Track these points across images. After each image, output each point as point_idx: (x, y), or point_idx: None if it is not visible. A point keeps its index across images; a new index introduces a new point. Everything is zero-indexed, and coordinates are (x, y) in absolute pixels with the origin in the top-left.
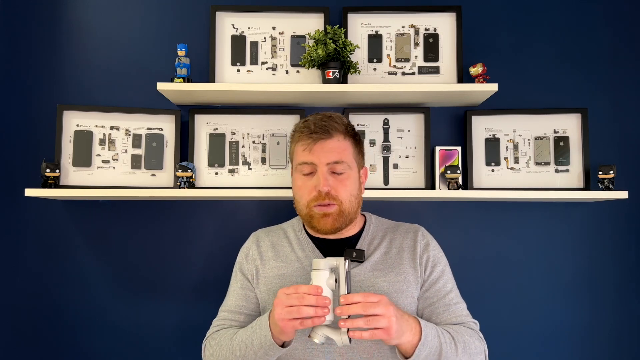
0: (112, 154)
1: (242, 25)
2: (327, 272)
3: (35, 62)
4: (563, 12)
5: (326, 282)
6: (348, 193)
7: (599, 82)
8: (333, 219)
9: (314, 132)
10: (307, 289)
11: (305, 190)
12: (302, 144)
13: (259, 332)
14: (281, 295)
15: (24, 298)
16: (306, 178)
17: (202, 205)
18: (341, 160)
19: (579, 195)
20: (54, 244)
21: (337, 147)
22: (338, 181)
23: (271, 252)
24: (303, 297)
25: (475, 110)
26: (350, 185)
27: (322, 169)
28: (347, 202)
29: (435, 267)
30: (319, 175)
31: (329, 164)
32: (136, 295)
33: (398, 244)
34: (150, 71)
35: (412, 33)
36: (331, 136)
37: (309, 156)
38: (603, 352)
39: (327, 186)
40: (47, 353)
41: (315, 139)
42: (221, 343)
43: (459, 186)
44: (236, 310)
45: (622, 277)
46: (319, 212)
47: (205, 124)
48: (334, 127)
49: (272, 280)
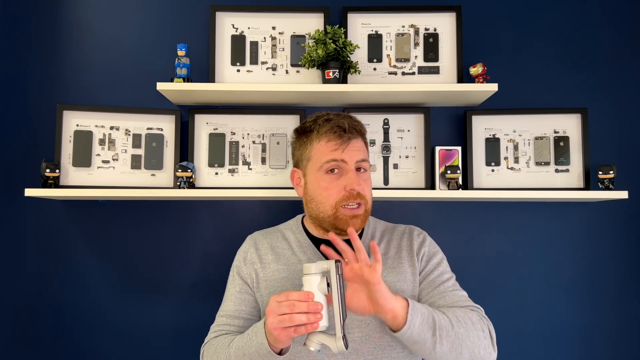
0: (112, 154)
1: (242, 25)
2: (318, 277)
3: (35, 62)
4: (563, 12)
5: (317, 286)
6: (370, 192)
7: (599, 82)
8: (361, 220)
9: (348, 132)
10: (298, 295)
11: (334, 190)
12: (334, 143)
13: (255, 339)
14: (272, 303)
15: (24, 298)
16: (333, 177)
17: (202, 205)
18: (366, 159)
19: (579, 195)
20: (54, 244)
21: (362, 147)
22: (363, 180)
23: (271, 255)
24: (294, 304)
25: (475, 110)
26: (370, 184)
27: (353, 168)
28: (370, 200)
29: (430, 260)
30: (350, 175)
31: (358, 162)
32: (136, 295)
33: (396, 245)
34: (150, 71)
35: (412, 33)
36: (357, 136)
37: (342, 155)
38: (603, 352)
39: (360, 185)
40: (47, 353)
41: (348, 138)
42: (218, 351)
43: (459, 186)
44: (235, 315)
45: (622, 277)
46: (350, 213)
47: (205, 124)
48: (360, 126)
49: (274, 284)
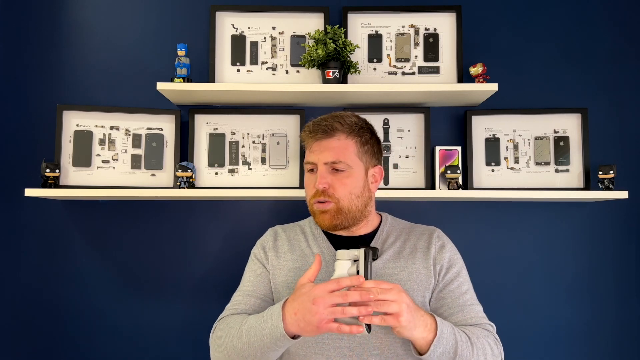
0: (112, 154)
1: (242, 25)
2: (349, 263)
3: (35, 62)
4: (563, 12)
5: (348, 271)
6: (347, 191)
7: (599, 82)
8: (330, 216)
9: (312, 132)
10: (350, 280)
11: (309, 187)
12: (306, 143)
13: (269, 322)
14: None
15: (24, 298)
16: (310, 175)
17: (202, 205)
18: (339, 160)
19: (579, 195)
20: (53, 244)
21: (337, 147)
22: (337, 179)
23: (287, 245)
24: (347, 294)
25: (475, 110)
26: (350, 184)
27: (321, 168)
28: (346, 200)
29: (450, 269)
30: (316, 175)
31: (327, 163)
32: (136, 295)
33: (412, 245)
34: (150, 71)
35: (412, 33)
36: (330, 135)
37: (310, 155)
38: (603, 351)
39: (322, 184)
40: (46, 353)
41: (318, 139)
42: (230, 325)
43: (459, 186)
44: (251, 294)
45: (622, 276)
46: (318, 208)
47: (205, 124)
48: (335, 126)
49: (287, 272)
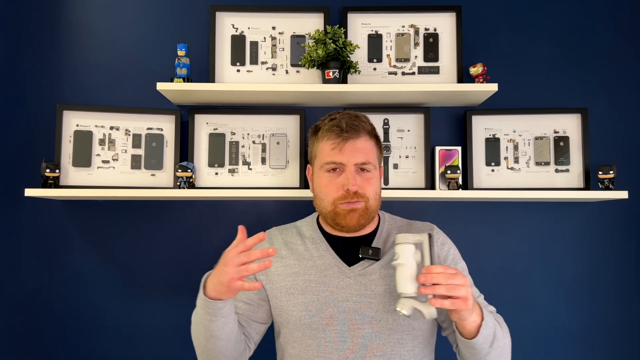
0: (112, 154)
1: (242, 25)
2: (412, 247)
3: (35, 62)
4: (563, 12)
5: (413, 256)
6: (373, 191)
7: (599, 82)
8: (359, 215)
9: (345, 131)
10: (252, 240)
11: (332, 188)
12: (332, 142)
13: (199, 294)
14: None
15: (24, 298)
16: (333, 176)
17: (202, 205)
18: (368, 161)
19: (579, 195)
20: (53, 244)
21: (364, 148)
22: (365, 179)
23: (284, 250)
24: (250, 254)
25: (475, 110)
26: (375, 183)
27: (351, 169)
28: (373, 199)
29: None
30: (347, 175)
31: (357, 164)
32: (135, 295)
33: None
34: (150, 71)
35: (412, 33)
36: (359, 136)
37: (339, 156)
38: (603, 351)
39: (355, 185)
40: (46, 353)
41: (346, 138)
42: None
43: (459, 186)
44: (237, 298)
45: (622, 277)
46: (347, 208)
47: (205, 124)
48: (363, 127)
49: (285, 278)
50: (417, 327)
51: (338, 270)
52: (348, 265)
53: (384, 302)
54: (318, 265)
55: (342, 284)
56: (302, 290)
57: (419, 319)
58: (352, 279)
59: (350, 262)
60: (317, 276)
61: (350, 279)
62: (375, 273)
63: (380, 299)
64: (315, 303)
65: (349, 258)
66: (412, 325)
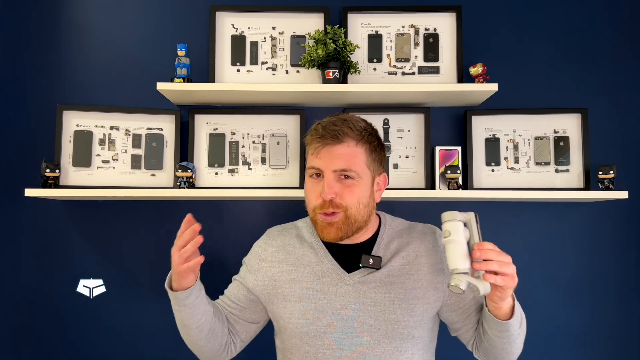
0: (112, 154)
1: (242, 25)
2: (461, 225)
3: (35, 62)
4: (563, 12)
5: (463, 233)
6: (355, 200)
7: (599, 82)
8: (337, 228)
9: (322, 136)
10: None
11: (313, 195)
12: (312, 147)
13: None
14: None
15: (24, 298)
16: (315, 182)
17: (202, 205)
18: (349, 169)
19: (579, 195)
20: (53, 244)
21: (347, 154)
22: (345, 187)
23: (282, 253)
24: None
25: (475, 110)
26: (358, 192)
27: (328, 176)
28: (354, 208)
29: None
30: (323, 183)
31: (336, 171)
32: (135, 295)
33: (415, 248)
34: (150, 71)
35: (412, 33)
36: (340, 141)
37: (316, 161)
38: (603, 352)
39: (331, 194)
40: (46, 353)
41: (324, 144)
42: None
43: (459, 186)
44: (227, 295)
45: (622, 277)
46: (325, 221)
47: (205, 124)
48: (345, 132)
49: (282, 285)
50: (417, 335)
51: (337, 277)
52: (347, 272)
53: (384, 310)
54: (316, 272)
55: (341, 291)
56: (299, 298)
57: (419, 327)
58: (352, 286)
59: (349, 268)
60: (314, 283)
61: (350, 286)
62: (375, 280)
63: (380, 307)
64: (313, 311)
65: (347, 264)
66: (411, 333)
